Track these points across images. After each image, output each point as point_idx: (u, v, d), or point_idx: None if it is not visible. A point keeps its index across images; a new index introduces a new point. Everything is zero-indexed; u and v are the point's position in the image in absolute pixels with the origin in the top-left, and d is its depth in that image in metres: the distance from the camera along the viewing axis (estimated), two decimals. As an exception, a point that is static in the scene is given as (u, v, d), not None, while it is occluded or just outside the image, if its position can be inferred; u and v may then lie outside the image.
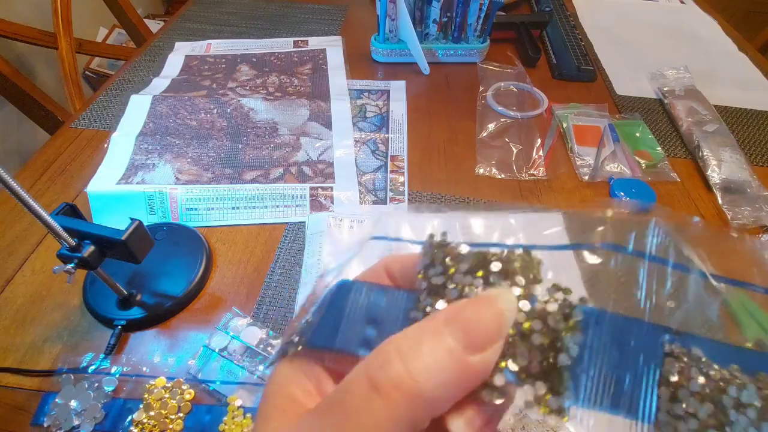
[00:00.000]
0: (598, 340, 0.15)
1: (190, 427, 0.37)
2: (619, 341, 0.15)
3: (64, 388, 0.38)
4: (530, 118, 0.69)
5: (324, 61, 0.79)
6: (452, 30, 0.77)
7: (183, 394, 0.39)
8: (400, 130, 0.66)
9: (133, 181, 0.54)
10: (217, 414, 0.38)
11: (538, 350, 0.14)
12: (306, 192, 0.55)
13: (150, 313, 0.43)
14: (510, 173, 0.60)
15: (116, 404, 0.38)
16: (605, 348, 0.15)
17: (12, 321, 0.44)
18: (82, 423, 0.37)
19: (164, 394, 0.38)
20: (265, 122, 0.65)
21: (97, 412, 0.37)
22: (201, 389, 0.39)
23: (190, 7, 0.96)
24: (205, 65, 0.77)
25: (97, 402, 0.38)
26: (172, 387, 0.39)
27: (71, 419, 0.37)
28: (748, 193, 0.57)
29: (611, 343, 0.15)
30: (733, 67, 0.84)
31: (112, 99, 0.70)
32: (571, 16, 0.92)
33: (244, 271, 0.49)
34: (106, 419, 0.37)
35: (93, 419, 0.37)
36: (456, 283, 0.16)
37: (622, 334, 0.15)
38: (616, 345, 0.15)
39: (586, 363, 0.14)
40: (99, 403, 0.38)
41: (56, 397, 0.38)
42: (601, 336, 0.15)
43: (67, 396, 0.38)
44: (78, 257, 0.36)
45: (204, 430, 0.37)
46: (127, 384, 0.39)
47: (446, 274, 0.16)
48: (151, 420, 0.37)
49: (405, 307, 0.17)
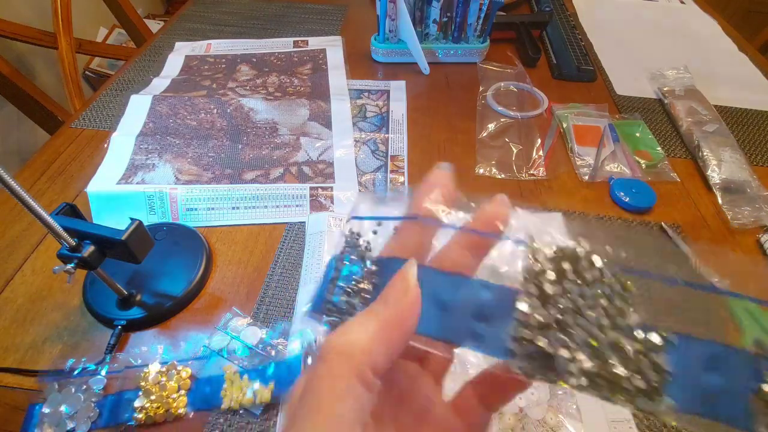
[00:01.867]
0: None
1: (194, 401, 0.38)
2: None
3: (50, 396, 0.38)
4: (530, 118, 0.69)
5: (324, 61, 0.79)
6: (452, 30, 0.77)
7: (180, 374, 0.39)
8: (400, 130, 0.66)
9: (133, 181, 0.54)
10: (216, 384, 0.39)
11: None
12: (306, 192, 0.55)
13: (150, 313, 0.43)
14: (510, 173, 0.60)
15: (110, 400, 0.38)
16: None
17: (12, 321, 0.44)
18: (77, 425, 0.36)
19: (160, 378, 0.39)
20: (265, 122, 0.65)
21: (91, 411, 0.37)
22: (195, 366, 0.40)
23: (190, 7, 0.96)
24: (205, 65, 0.77)
25: (88, 402, 0.38)
26: (167, 370, 0.39)
27: (64, 423, 0.36)
28: (748, 193, 0.57)
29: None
30: (733, 67, 0.84)
31: (112, 99, 0.70)
32: (571, 16, 0.92)
33: (244, 271, 0.49)
34: (102, 416, 0.37)
35: (88, 418, 0.37)
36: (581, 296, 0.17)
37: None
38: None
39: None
40: (90, 402, 0.38)
41: (42, 407, 0.37)
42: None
43: (54, 403, 0.37)
44: (78, 257, 0.36)
45: (207, 400, 0.38)
46: (117, 380, 0.39)
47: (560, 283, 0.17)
48: (154, 403, 0.37)
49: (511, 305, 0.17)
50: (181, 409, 0.38)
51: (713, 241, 0.53)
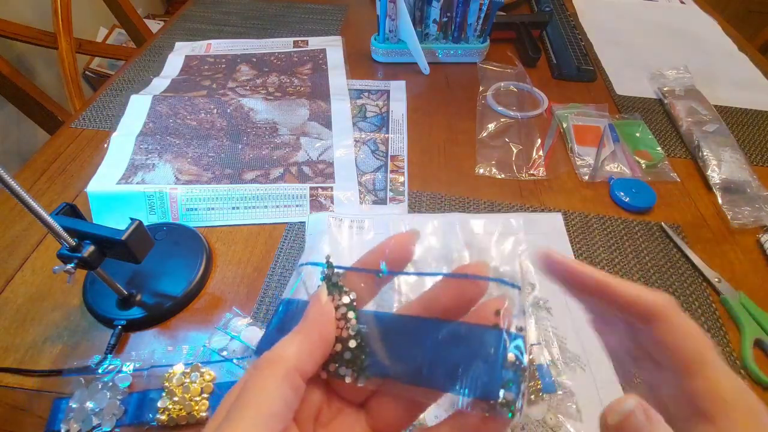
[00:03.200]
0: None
1: (216, 406, 0.38)
2: None
3: (77, 391, 0.38)
4: (530, 118, 0.69)
5: (324, 61, 0.79)
6: (452, 30, 0.77)
7: (203, 376, 0.39)
8: (400, 130, 0.66)
9: (133, 181, 0.54)
10: None
11: None
12: (306, 192, 0.55)
13: (150, 313, 0.43)
14: (510, 173, 0.60)
15: (134, 398, 0.38)
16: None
17: (12, 321, 0.44)
18: (102, 421, 0.37)
19: (184, 379, 0.39)
20: (265, 122, 0.65)
21: (116, 409, 0.37)
22: (219, 369, 0.40)
23: (190, 7, 0.96)
24: (205, 65, 0.77)
25: (114, 399, 0.38)
26: (191, 371, 0.39)
27: (90, 420, 0.37)
28: (748, 193, 0.57)
29: None
30: (733, 67, 0.84)
31: (112, 99, 0.70)
32: (571, 16, 0.92)
33: (244, 271, 0.49)
34: (127, 413, 0.37)
35: (113, 416, 0.37)
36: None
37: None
38: None
39: None
40: (116, 399, 0.38)
41: (69, 401, 0.37)
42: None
43: (81, 398, 0.38)
44: (78, 257, 0.36)
45: None
46: (142, 378, 0.40)
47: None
48: (176, 405, 0.37)
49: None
50: (203, 412, 0.37)
51: (713, 241, 0.53)
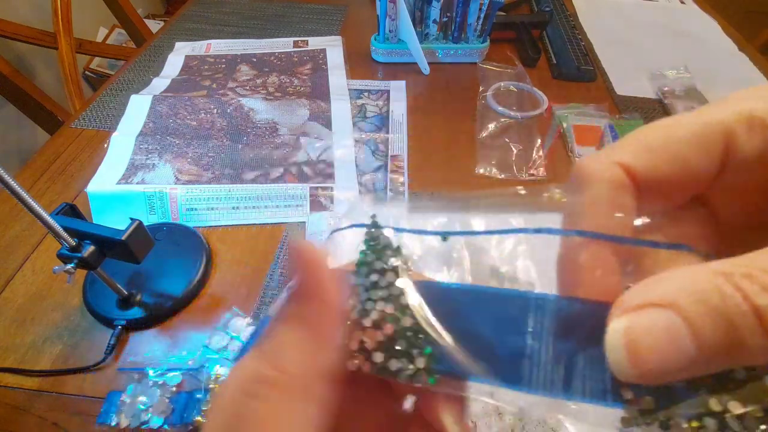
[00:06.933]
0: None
1: None
2: None
3: (130, 386, 0.39)
4: (530, 118, 0.69)
5: (324, 61, 0.79)
6: (452, 30, 0.77)
7: None
8: (400, 130, 0.66)
9: (133, 181, 0.54)
10: None
11: None
12: (306, 192, 0.55)
13: (150, 313, 0.43)
14: (510, 173, 0.60)
15: (182, 397, 0.38)
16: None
17: (12, 321, 0.44)
18: (151, 418, 0.37)
19: None
20: (265, 122, 0.65)
21: (165, 407, 0.38)
22: None
23: (190, 7, 0.96)
24: (205, 65, 0.77)
25: (163, 397, 0.38)
26: None
27: (139, 415, 0.37)
28: (748, 193, 0.57)
29: None
30: (733, 67, 0.84)
31: (112, 99, 0.70)
32: (571, 16, 0.92)
33: (244, 271, 0.49)
34: (174, 412, 0.38)
35: (162, 413, 0.37)
36: None
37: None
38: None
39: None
40: (165, 397, 0.38)
41: (121, 395, 0.38)
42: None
43: (133, 393, 0.38)
44: (78, 257, 0.36)
45: None
46: (189, 377, 0.40)
47: None
48: None
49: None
50: None
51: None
